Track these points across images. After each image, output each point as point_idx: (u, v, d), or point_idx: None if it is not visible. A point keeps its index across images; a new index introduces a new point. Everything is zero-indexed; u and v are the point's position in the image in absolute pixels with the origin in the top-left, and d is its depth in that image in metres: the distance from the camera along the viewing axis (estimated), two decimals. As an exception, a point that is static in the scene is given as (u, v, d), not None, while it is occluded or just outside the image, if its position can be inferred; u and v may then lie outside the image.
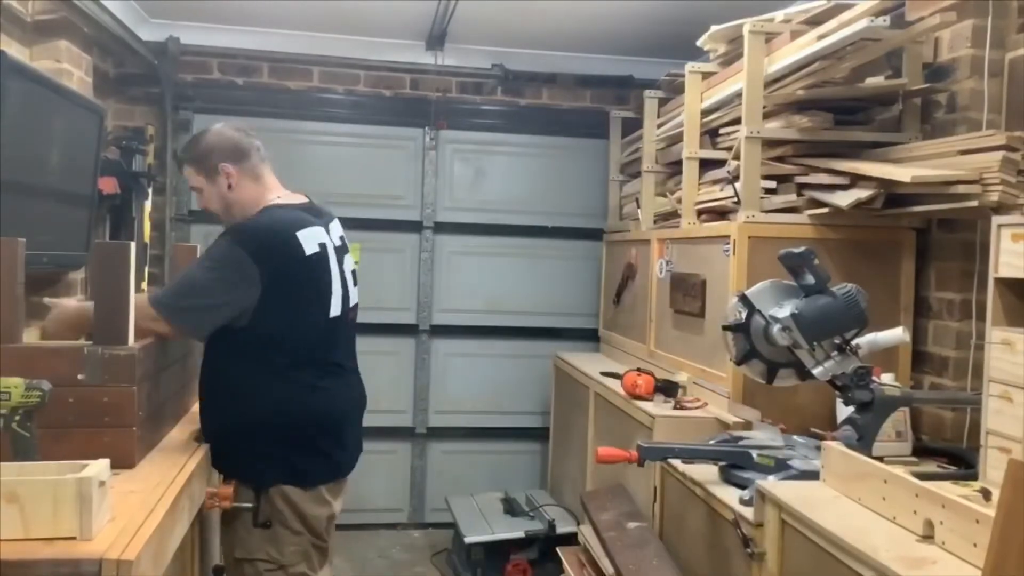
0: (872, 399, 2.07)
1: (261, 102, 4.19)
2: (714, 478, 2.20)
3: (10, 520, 1.32)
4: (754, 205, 2.60)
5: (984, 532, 1.30)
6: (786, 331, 2.05)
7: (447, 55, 4.23)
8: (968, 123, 2.48)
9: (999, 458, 1.78)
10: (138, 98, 4.06)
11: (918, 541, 1.49)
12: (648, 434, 2.61)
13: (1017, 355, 1.78)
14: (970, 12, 2.46)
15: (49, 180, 2.64)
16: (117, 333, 1.73)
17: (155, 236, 3.96)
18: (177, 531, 1.67)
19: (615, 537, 2.53)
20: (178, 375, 2.24)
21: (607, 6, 3.53)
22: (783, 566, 1.78)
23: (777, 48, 2.60)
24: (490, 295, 4.38)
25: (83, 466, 1.41)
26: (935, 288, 2.61)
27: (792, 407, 2.51)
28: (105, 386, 1.71)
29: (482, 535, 3.48)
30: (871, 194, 2.38)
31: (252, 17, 3.90)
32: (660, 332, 3.28)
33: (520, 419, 4.42)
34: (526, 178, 4.43)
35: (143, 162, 3.80)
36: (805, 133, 2.61)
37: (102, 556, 1.28)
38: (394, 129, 4.32)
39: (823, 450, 1.86)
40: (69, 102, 2.75)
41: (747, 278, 2.49)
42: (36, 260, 2.49)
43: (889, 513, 1.59)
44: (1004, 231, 1.85)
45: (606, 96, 4.42)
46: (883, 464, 1.70)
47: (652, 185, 3.61)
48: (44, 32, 2.88)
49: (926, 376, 2.63)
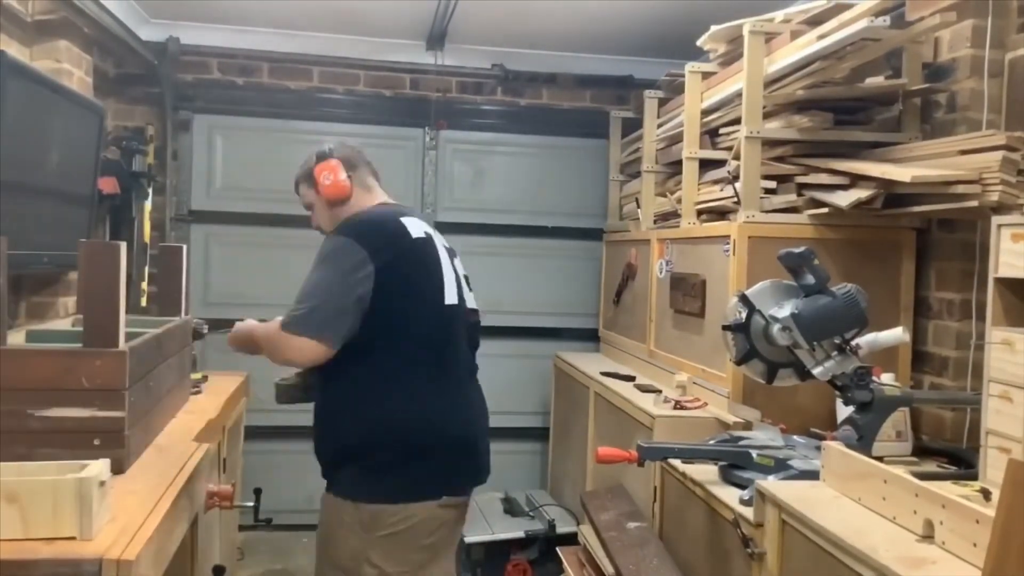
0: (872, 399, 2.07)
1: (261, 102, 4.19)
2: (714, 478, 2.20)
3: (10, 520, 1.31)
4: (754, 205, 2.60)
5: (984, 532, 1.30)
6: (786, 331, 2.05)
7: (447, 55, 4.23)
8: (968, 123, 2.48)
9: (999, 458, 1.78)
10: (138, 98, 4.06)
11: (918, 541, 1.49)
12: (648, 434, 2.61)
13: (1017, 355, 1.78)
14: (970, 12, 2.46)
15: (49, 180, 2.64)
16: (107, 336, 1.69)
17: (155, 236, 3.96)
18: (177, 531, 1.66)
19: (615, 537, 2.53)
20: (174, 371, 2.23)
21: (607, 6, 3.53)
22: (783, 566, 1.78)
23: (777, 48, 2.60)
24: (490, 295, 4.36)
25: (83, 466, 1.40)
26: (935, 288, 2.61)
27: (792, 407, 2.51)
28: (95, 389, 1.67)
29: (482, 535, 3.48)
30: (871, 194, 2.38)
31: (252, 17, 3.90)
32: (660, 332, 3.28)
33: (520, 419, 4.41)
34: (526, 178, 4.43)
35: (143, 162, 3.80)
36: (805, 133, 2.61)
37: (102, 556, 1.28)
38: (394, 129, 4.32)
39: (823, 450, 1.86)
40: (69, 102, 2.75)
41: (747, 278, 2.49)
42: (36, 260, 2.50)
43: (889, 513, 1.59)
44: (1004, 231, 1.85)
45: (606, 96, 4.42)
46: (883, 464, 1.70)
47: (652, 185, 3.61)
48: (44, 32, 2.88)
49: (926, 376, 2.63)
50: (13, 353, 1.66)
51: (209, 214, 4.20)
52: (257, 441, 3.86)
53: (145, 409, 1.89)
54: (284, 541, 4.04)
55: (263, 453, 4.05)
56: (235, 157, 4.21)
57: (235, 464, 2.99)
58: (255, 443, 3.79)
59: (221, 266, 4.20)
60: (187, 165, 4.16)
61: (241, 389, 2.95)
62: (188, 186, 4.17)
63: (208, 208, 4.20)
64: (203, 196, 4.19)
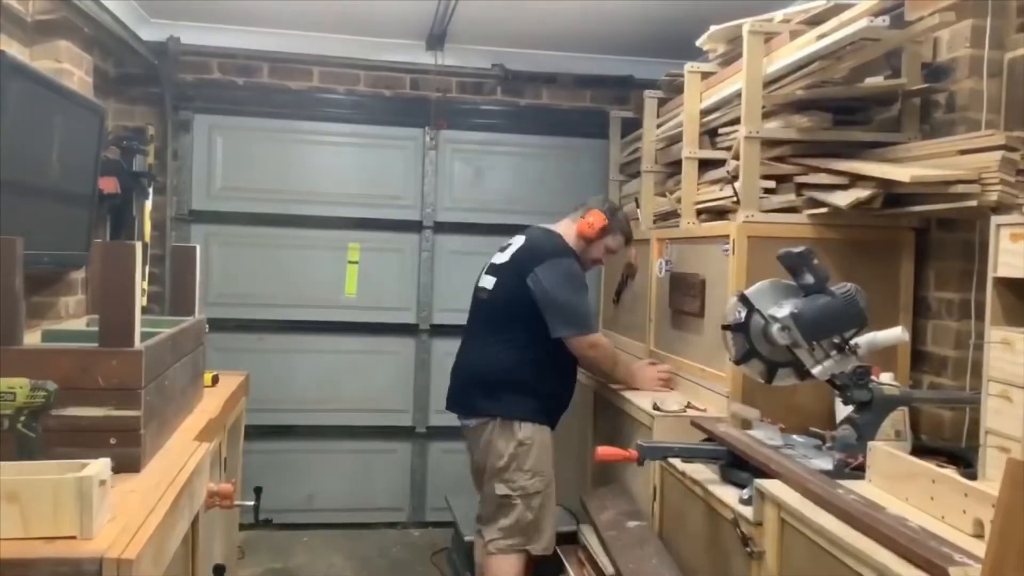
0: (871, 398, 2.07)
1: (261, 102, 4.20)
2: (714, 478, 2.20)
3: (10, 519, 1.32)
4: (753, 205, 2.60)
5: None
6: (785, 330, 2.06)
7: (447, 55, 4.23)
8: (967, 123, 2.48)
9: (998, 457, 1.78)
10: (138, 98, 4.06)
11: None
12: (648, 434, 2.61)
13: (1016, 355, 1.78)
14: (969, 12, 2.46)
15: (49, 180, 2.64)
16: (123, 335, 1.72)
17: (155, 236, 3.96)
18: (178, 530, 1.67)
19: (615, 537, 2.53)
20: (187, 370, 2.24)
21: (607, 6, 3.53)
22: (782, 565, 1.78)
23: (776, 48, 2.61)
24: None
25: (83, 465, 1.41)
26: (934, 288, 2.62)
27: (791, 406, 2.51)
28: (111, 389, 1.69)
29: (482, 535, 3.47)
30: (870, 194, 2.38)
31: (252, 17, 3.90)
32: (660, 332, 3.28)
33: (520, 419, 4.42)
34: (526, 178, 4.44)
35: (143, 162, 3.80)
36: (804, 133, 2.61)
37: (103, 555, 1.28)
38: (394, 129, 4.32)
39: (869, 450, 1.85)
40: (69, 102, 2.75)
41: (746, 278, 2.49)
42: (36, 260, 2.50)
43: (937, 513, 1.59)
44: (1003, 231, 1.85)
45: (606, 96, 4.42)
46: (931, 464, 1.70)
47: (652, 185, 3.61)
48: (44, 32, 2.88)
49: (925, 375, 2.63)
50: (30, 353, 1.68)
51: (209, 214, 4.20)
52: (257, 441, 3.87)
53: (160, 408, 1.90)
54: (284, 541, 4.05)
55: (263, 453, 4.06)
56: (235, 157, 4.21)
57: (235, 463, 2.99)
58: (255, 443, 3.80)
59: (221, 266, 4.21)
60: (187, 165, 4.17)
61: (241, 389, 2.96)
62: (188, 186, 4.17)
63: (208, 208, 4.20)
64: (203, 196, 4.20)
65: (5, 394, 1.52)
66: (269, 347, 4.25)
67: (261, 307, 4.26)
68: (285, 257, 4.25)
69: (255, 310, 4.25)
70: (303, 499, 4.24)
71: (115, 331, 1.71)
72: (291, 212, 4.25)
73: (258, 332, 4.24)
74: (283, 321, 4.28)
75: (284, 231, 4.23)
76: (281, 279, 4.25)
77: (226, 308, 4.16)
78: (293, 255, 4.26)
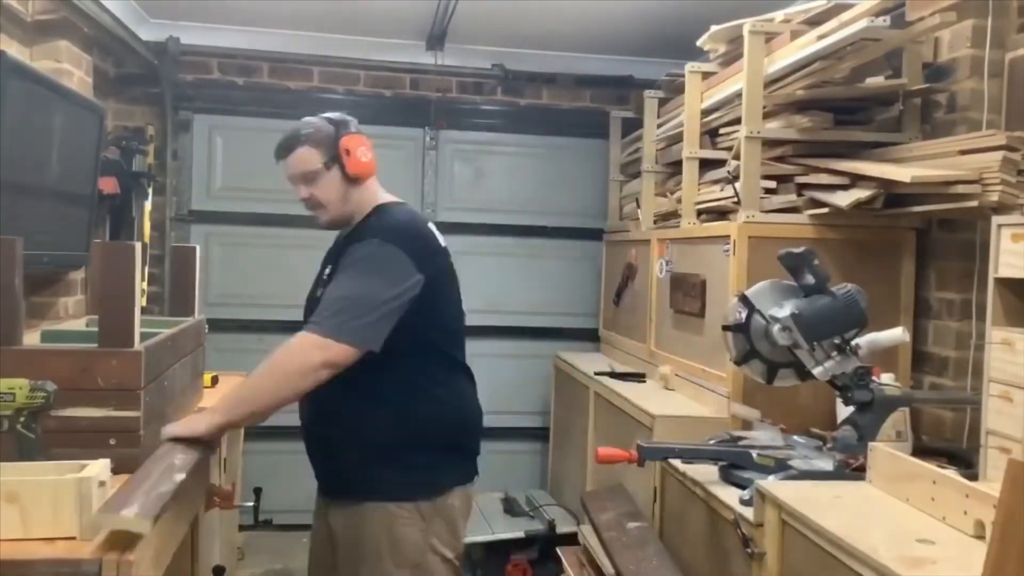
0: (872, 399, 2.07)
1: (261, 102, 4.19)
2: (714, 478, 2.20)
3: (10, 520, 1.32)
4: (754, 205, 2.60)
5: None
6: (786, 331, 2.05)
7: (447, 55, 4.23)
8: (968, 123, 2.48)
9: (999, 458, 1.78)
10: (138, 98, 4.06)
11: (919, 541, 1.49)
12: (648, 434, 2.61)
13: (1017, 355, 1.78)
14: (970, 12, 2.46)
15: (49, 180, 2.64)
16: (123, 336, 1.71)
17: (155, 236, 3.96)
18: (177, 531, 1.67)
19: (615, 537, 2.53)
20: (187, 371, 2.24)
21: (607, 6, 3.53)
22: (783, 566, 1.78)
23: (777, 48, 2.61)
24: (490, 295, 4.38)
25: (83, 466, 1.41)
26: (935, 288, 2.61)
27: (792, 407, 2.51)
28: (111, 389, 1.69)
29: (482, 535, 3.48)
30: (871, 194, 2.38)
31: (252, 17, 3.90)
32: (660, 332, 3.28)
33: (520, 419, 4.41)
34: (526, 178, 4.43)
35: (143, 162, 3.80)
36: (805, 133, 2.61)
37: (102, 556, 1.28)
38: (394, 129, 4.31)
39: (870, 451, 1.85)
40: (69, 102, 2.75)
41: (747, 278, 2.49)
42: (36, 260, 2.50)
43: (938, 514, 1.58)
44: (1004, 231, 1.85)
45: (606, 96, 4.41)
46: (932, 465, 1.69)
47: (652, 185, 3.61)
48: (44, 32, 2.87)
49: (926, 376, 2.63)
50: (30, 353, 1.68)
51: (209, 214, 4.20)
52: (257, 441, 3.86)
53: (160, 409, 1.89)
54: (284, 541, 4.04)
55: (263, 453, 4.05)
56: (235, 157, 4.21)
57: (235, 464, 2.99)
58: (255, 443, 3.80)
59: (221, 266, 4.20)
60: (187, 165, 4.16)
61: (241, 389, 2.94)
62: (188, 186, 4.17)
63: (208, 208, 4.20)
64: (203, 196, 4.20)
65: (4, 395, 1.51)
66: (269, 347, 4.20)
67: (261, 307, 4.25)
68: (285, 257, 4.24)
69: (255, 310, 4.25)
70: (303, 499, 4.23)
71: (115, 331, 1.71)
72: (291, 212, 4.23)
73: (258, 332, 4.23)
74: (283, 321, 4.24)
75: (284, 231, 4.22)
76: (281, 279, 4.24)
77: (226, 308, 4.15)
78: (293, 255, 4.25)
